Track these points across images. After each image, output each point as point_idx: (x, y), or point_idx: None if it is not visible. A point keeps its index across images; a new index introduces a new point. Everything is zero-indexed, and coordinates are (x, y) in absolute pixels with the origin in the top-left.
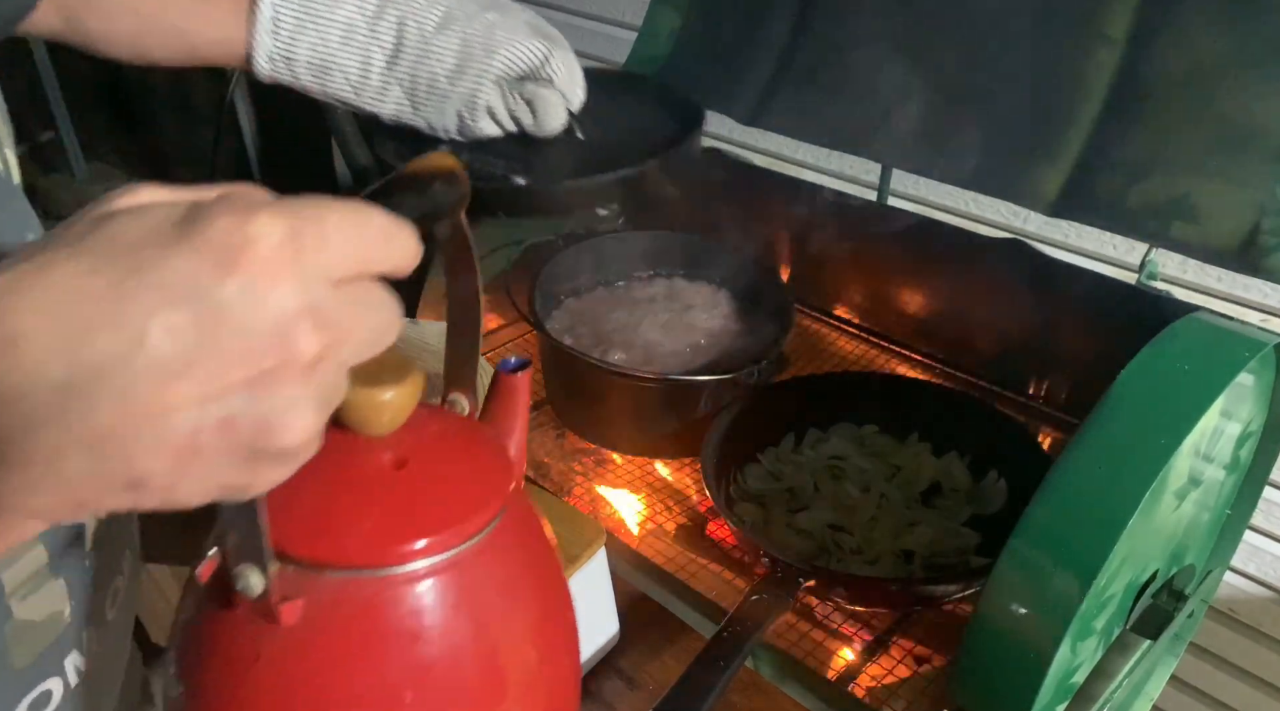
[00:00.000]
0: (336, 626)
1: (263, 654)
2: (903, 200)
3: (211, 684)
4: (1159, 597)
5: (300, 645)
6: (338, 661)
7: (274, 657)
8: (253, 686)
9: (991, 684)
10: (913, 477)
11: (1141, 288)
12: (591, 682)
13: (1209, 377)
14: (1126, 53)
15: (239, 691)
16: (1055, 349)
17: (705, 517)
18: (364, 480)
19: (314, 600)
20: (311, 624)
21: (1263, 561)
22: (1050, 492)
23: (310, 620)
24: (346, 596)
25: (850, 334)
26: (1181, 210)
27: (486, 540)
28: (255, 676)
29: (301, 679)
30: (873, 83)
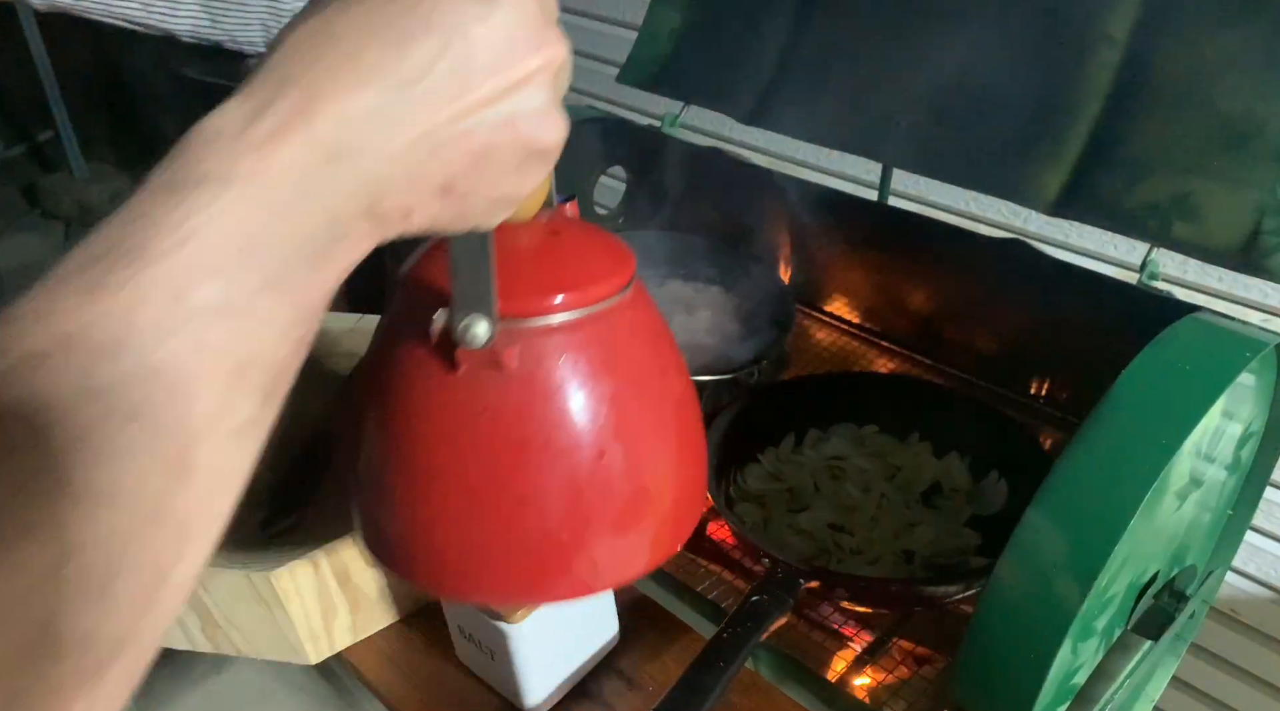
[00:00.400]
0: (548, 369)
1: (489, 405)
2: (903, 200)
3: (439, 441)
4: (1160, 598)
5: (520, 390)
6: (553, 400)
7: (493, 415)
8: (482, 437)
9: (992, 684)
10: (913, 478)
11: (1142, 288)
12: (591, 682)
13: (1210, 378)
14: (1127, 52)
15: (469, 447)
16: (1055, 349)
17: (705, 517)
18: (533, 251)
19: (526, 347)
20: (527, 370)
21: (1264, 562)
22: (1051, 493)
23: (526, 367)
24: (552, 341)
25: (850, 334)
26: (1182, 210)
27: (636, 288)
28: (482, 427)
29: (524, 424)
30: (873, 82)
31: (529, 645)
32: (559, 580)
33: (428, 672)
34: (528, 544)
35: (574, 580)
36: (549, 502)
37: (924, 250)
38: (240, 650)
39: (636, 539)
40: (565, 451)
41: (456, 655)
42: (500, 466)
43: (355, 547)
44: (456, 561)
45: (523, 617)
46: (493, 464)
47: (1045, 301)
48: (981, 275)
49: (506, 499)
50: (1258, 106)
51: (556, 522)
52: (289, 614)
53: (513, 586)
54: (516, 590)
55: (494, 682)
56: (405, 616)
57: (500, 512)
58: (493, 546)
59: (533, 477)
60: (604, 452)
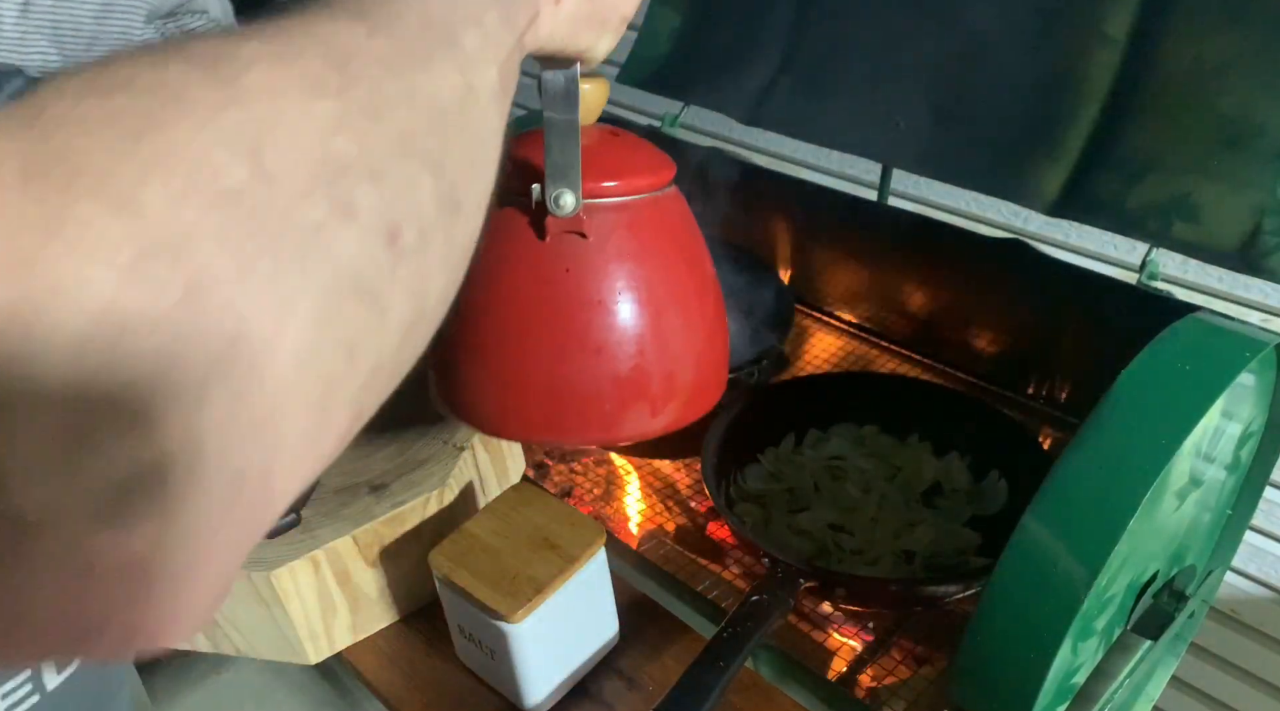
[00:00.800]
0: (621, 237)
1: (571, 265)
2: (903, 200)
3: (518, 294)
4: (1160, 598)
5: (597, 254)
6: (623, 264)
7: (576, 272)
8: (558, 302)
9: (992, 684)
10: (913, 478)
11: (1142, 288)
12: (591, 682)
13: (1209, 378)
14: (1127, 52)
15: (538, 303)
16: (1055, 349)
17: (705, 517)
18: (599, 148)
19: (601, 220)
20: (602, 238)
21: (1264, 562)
22: (1051, 493)
23: (601, 235)
24: (621, 217)
25: (850, 334)
26: (1182, 210)
27: (676, 189)
28: (561, 289)
29: (599, 283)
30: (872, 83)
31: (529, 644)
32: (623, 422)
33: (428, 672)
34: (599, 388)
35: (635, 423)
36: (617, 351)
37: (924, 250)
38: (240, 650)
39: (683, 391)
40: (632, 308)
41: (457, 655)
42: (578, 319)
43: (355, 547)
44: (538, 406)
45: (523, 617)
46: (572, 317)
47: (1045, 301)
48: (981, 275)
49: (583, 348)
50: (1257, 106)
51: (623, 370)
52: (289, 613)
53: (583, 427)
54: (587, 430)
55: (494, 682)
56: (405, 616)
57: (577, 360)
58: (568, 390)
59: (605, 329)
60: (661, 313)
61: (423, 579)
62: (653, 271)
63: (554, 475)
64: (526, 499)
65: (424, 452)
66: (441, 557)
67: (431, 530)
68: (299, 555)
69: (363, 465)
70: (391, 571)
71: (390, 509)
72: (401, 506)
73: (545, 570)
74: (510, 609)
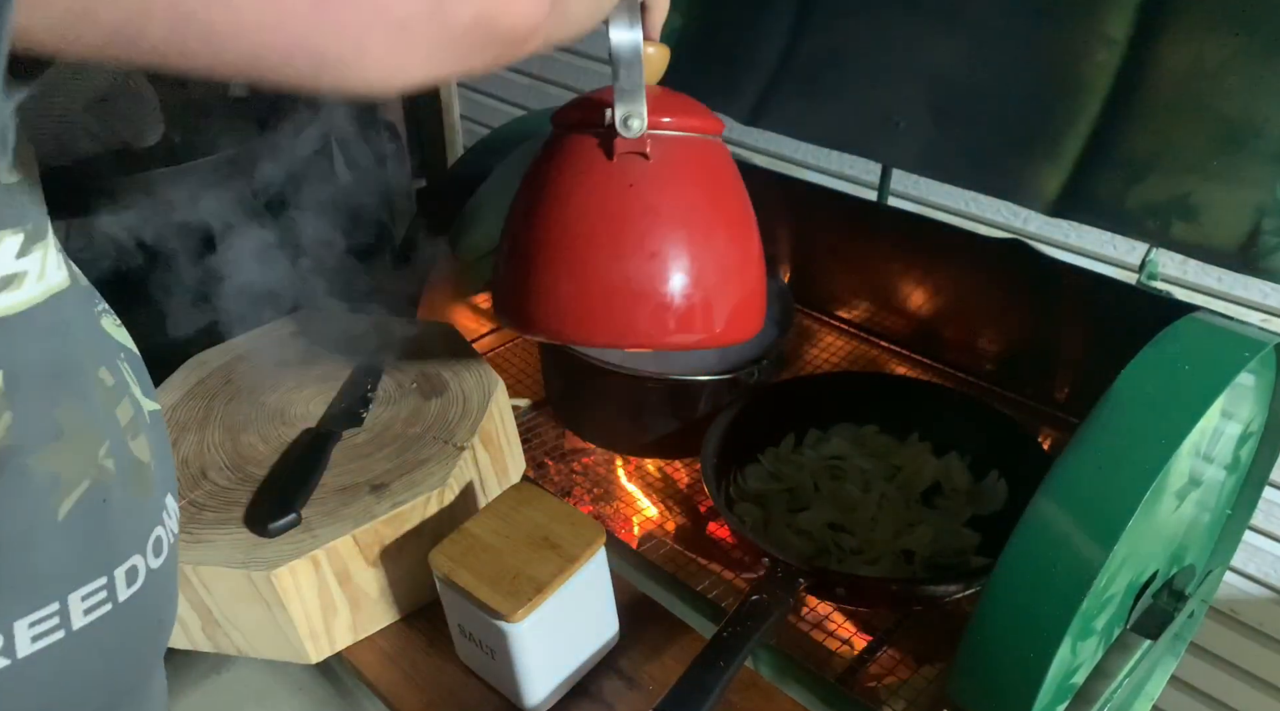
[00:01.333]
0: (676, 163)
1: (635, 181)
2: (903, 200)
3: (585, 205)
4: (1159, 597)
5: (657, 171)
6: (680, 183)
7: (639, 187)
8: (622, 213)
9: (992, 683)
10: (913, 477)
11: (1142, 288)
12: (591, 682)
13: (1209, 378)
14: (1127, 52)
15: (604, 212)
16: (1055, 349)
17: (705, 517)
18: (662, 98)
19: (663, 148)
20: (662, 160)
21: (1263, 561)
22: (1050, 492)
23: (661, 159)
24: (681, 148)
25: (850, 334)
26: (1182, 210)
27: (723, 143)
28: (626, 202)
29: (658, 197)
30: (873, 82)
31: (529, 644)
32: (673, 325)
33: (428, 671)
34: (653, 287)
35: (685, 328)
36: (670, 257)
37: (924, 250)
38: (241, 649)
39: (727, 305)
40: (684, 222)
41: (457, 654)
42: (638, 226)
43: (356, 546)
44: (600, 306)
45: (523, 617)
46: (632, 224)
47: (1045, 301)
48: (981, 275)
49: (640, 251)
50: (1257, 107)
51: (675, 273)
52: (289, 613)
53: (639, 329)
54: (642, 332)
55: (494, 682)
56: (405, 615)
57: (634, 262)
58: (626, 289)
59: (660, 237)
60: (710, 231)
61: (423, 578)
62: (703, 196)
63: (554, 475)
64: (527, 498)
65: (424, 452)
66: (442, 557)
67: (432, 529)
68: (300, 554)
69: (363, 465)
70: (392, 571)
71: (391, 508)
72: (402, 506)
73: (545, 570)
74: (510, 608)
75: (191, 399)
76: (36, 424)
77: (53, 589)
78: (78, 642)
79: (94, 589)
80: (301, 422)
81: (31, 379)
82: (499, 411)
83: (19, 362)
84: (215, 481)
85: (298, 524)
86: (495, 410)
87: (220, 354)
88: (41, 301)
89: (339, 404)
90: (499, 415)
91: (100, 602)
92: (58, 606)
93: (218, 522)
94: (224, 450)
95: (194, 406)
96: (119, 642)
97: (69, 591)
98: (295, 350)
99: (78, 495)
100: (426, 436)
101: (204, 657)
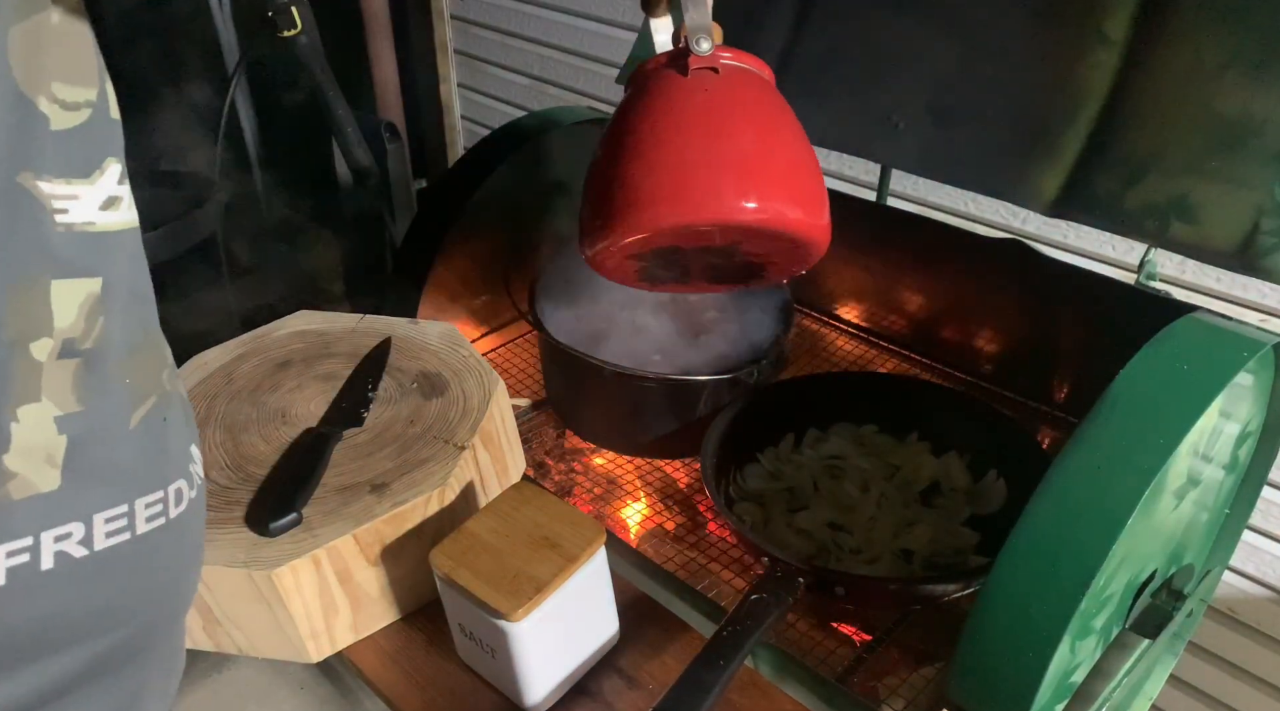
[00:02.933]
0: (742, 80)
1: (709, 87)
2: (902, 200)
3: (666, 110)
4: (1158, 597)
5: (724, 85)
6: (735, 95)
7: (711, 92)
8: (698, 109)
9: (990, 683)
10: (912, 477)
11: (1140, 288)
12: (591, 682)
13: (1208, 378)
14: (1125, 53)
15: (683, 112)
16: (1055, 349)
17: (705, 517)
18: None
19: (728, 68)
20: (726, 78)
21: (1261, 561)
22: (1049, 492)
23: (724, 77)
24: (744, 74)
25: (850, 334)
26: (1180, 210)
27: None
28: (701, 101)
29: (726, 106)
30: (872, 83)
31: (529, 643)
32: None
33: (429, 671)
34: (724, 167)
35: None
36: (740, 137)
37: (923, 250)
38: (241, 648)
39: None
40: (754, 116)
41: (457, 653)
42: (712, 121)
43: (356, 546)
44: (684, 181)
45: (524, 616)
46: (707, 118)
47: (1044, 301)
48: (980, 275)
49: (712, 138)
50: (1255, 107)
51: (738, 156)
52: (290, 612)
53: (721, 197)
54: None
55: (495, 681)
56: (406, 614)
57: (705, 146)
58: (705, 164)
59: (732, 128)
60: (769, 131)
61: (424, 577)
62: (768, 102)
63: (554, 475)
64: (527, 498)
65: (425, 452)
66: (442, 556)
67: (432, 529)
68: (300, 553)
69: (364, 464)
70: (392, 570)
71: (391, 508)
72: (402, 505)
73: (545, 569)
74: (511, 607)
75: (192, 398)
76: (121, 334)
77: (125, 490)
78: (138, 547)
79: (154, 499)
80: (302, 422)
81: (120, 293)
82: (499, 411)
83: (113, 275)
84: (216, 481)
85: (299, 523)
86: (495, 410)
87: (220, 354)
88: (129, 227)
89: (340, 404)
90: (499, 415)
91: (158, 514)
92: (126, 508)
93: (219, 522)
94: (225, 450)
95: (195, 406)
96: (166, 559)
97: (136, 496)
98: (295, 350)
99: (146, 408)
100: (427, 436)
101: (205, 656)
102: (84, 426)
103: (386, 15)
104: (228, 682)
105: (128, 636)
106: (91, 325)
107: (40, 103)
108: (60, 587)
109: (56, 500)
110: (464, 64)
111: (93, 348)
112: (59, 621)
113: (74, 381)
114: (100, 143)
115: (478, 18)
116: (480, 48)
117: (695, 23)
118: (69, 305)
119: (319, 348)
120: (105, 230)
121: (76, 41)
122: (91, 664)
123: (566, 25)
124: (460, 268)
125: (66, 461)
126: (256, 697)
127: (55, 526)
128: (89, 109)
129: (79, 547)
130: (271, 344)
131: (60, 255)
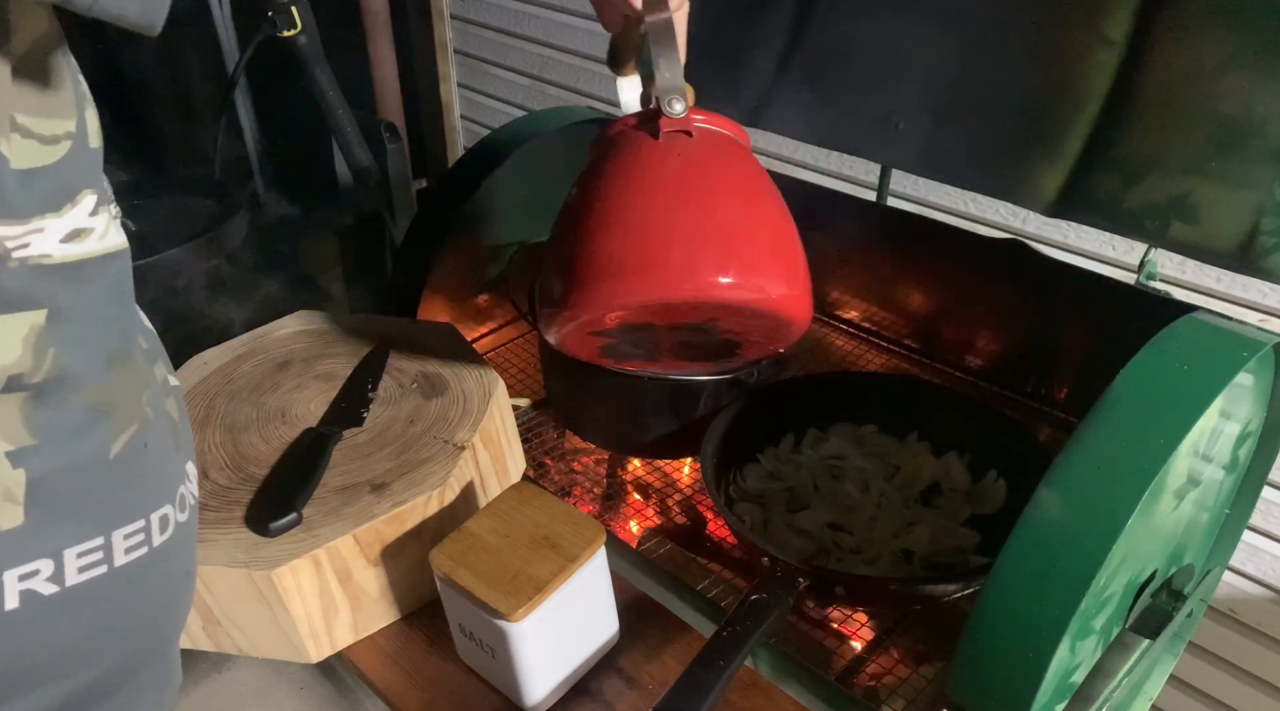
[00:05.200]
0: (715, 143)
1: (681, 151)
2: (902, 200)
3: (637, 175)
4: (1158, 597)
5: (698, 147)
6: (711, 161)
7: (686, 157)
8: (672, 176)
9: (991, 683)
10: (912, 477)
11: (1140, 288)
12: (591, 682)
13: (1207, 378)
14: (1125, 53)
15: (656, 178)
16: (1055, 349)
17: (705, 517)
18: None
19: (702, 132)
20: (701, 142)
21: (1261, 561)
22: (1049, 492)
23: (699, 141)
24: (718, 137)
25: (850, 334)
26: (1181, 210)
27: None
28: (675, 167)
29: (696, 170)
30: (872, 83)
31: (529, 643)
32: (726, 270)
33: (429, 671)
34: (704, 231)
35: (739, 278)
36: (716, 208)
37: (923, 251)
38: (241, 648)
39: (769, 266)
40: (726, 185)
41: (457, 653)
42: (688, 189)
43: (356, 546)
44: (660, 256)
45: (524, 616)
46: (683, 186)
47: (1044, 301)
48: (980, 275)
49: (688, 206)
50: (1255, 107)
51: (717, 226)
52: (290, 612)
53: (691, 273)
54: (695, 275)
55: (495, 681)
56: (406, 615)
57: (682, 215)
58: (681, 235)
59: (710, 196)
60: (750, 200)
61: (423, 577)
62: (743, 170)
63: (554, 475)
64: (527, 498)
65: (425, 452)
66: (442, 556)
67: (432, 529)
68: (300, 553)
69: (364, 464)
70: (392, 570)
71: (391, 508)
72: (402, 505)
73: (545, 569)
74: (511, 607)
75: (192, 399)
76: (83, 364)
77: (100, 523)
78: (116, 580)
79: (134, 529)
80: (302, 422)
81: (79, 322)
82: (499, 411)
83: (66, 305)
84: (216, 481)
85: (298, 523)
86: (495, 410)
87: (221, 354)
88: (96, 257)
89: (340, 404)
90: (499, 415)
91: (138, 544)
92: (102, 541)
93: (219, 522)
94: (225, 450)
95: (194, 406)
96: (150, 588)
97: (113, 527)
98: (295, 350)
99: (127, 437)
100: (427, 436)
101: (205, 657)
102: (45, 460)
103: (386, 15)
104: (228, 682)
105: (113, 666)
106: (40, 357)
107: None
108: (30, 626)
109: (19, 537)
110: (464, 64)
111: (44, 380)
112: (30, 659)
113: (23, 415)
114: (77, 174)
115: (478, 18)
116: (480, 48)
117: (667, 83)
118: (10, 339)
119: (319, 348)
120: (63, 261)
121: (49, 72)
122: (76, 695)
123: (566, 25)
124: (460, 268)
125: (29, 497)
126: (256, 697)
127: (19, 564)
128: (69, 142)
129: (48, 584)
130: (271, 344)
131: (3, 290)
